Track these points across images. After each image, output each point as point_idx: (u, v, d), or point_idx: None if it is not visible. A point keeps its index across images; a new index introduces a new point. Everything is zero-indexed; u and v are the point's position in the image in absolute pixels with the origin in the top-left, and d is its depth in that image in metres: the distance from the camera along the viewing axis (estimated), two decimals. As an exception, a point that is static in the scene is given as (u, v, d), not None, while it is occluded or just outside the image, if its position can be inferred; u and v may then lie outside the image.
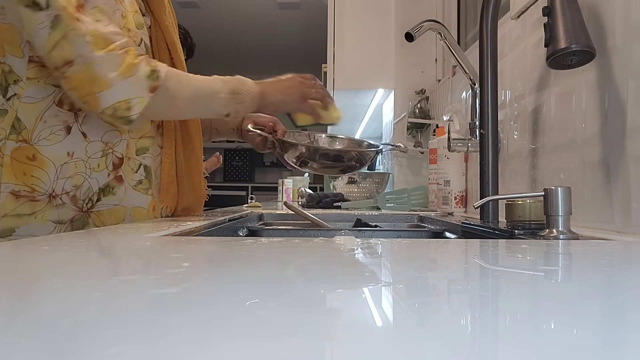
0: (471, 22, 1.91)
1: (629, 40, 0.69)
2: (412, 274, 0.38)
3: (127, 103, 0.76)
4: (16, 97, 0.79)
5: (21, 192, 0.79)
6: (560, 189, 0.61)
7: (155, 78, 0.79)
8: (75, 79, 0.74)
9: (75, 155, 0.82)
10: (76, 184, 0.82)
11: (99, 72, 0.74)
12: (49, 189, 0.80)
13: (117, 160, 0.86)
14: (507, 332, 0.22)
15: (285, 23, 4.70)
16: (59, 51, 0.74)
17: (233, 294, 0.28)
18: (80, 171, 0.82)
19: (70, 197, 0.82)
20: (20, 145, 0.79)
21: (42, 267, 0.39)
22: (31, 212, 0.79)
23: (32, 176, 0.79)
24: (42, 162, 0.79)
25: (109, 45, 0.75)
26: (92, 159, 0.83)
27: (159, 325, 0.21)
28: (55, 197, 0.81)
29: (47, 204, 0.80)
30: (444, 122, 1.55)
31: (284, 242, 0.54)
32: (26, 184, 0.79)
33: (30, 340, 0.19)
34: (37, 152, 0.79)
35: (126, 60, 0.76)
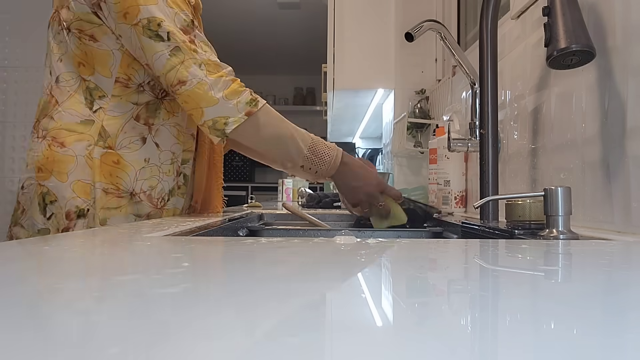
0: (471, 22, 1.91)
1: (629, 40, 0.69)
2: (412, 274, 0.38)
3: (225, 119, 0.91)
4: (101, 110, 0.95)
5: (109, 190, 0.93)
6: (560, 189, 0.61)
7: (254, 105, 0.92)
8: (186, 95, 0.90)
9: (150, 161, 0.97)
10: (152, 185, 0.98)
11: (210, 91, 0.90)
12: (129, 188, 0.95)
13: (179, 168, 1.03)
14: (507, 332, 0.22)
15: (285, 23, 4.70)
16: (174, 73, 0.90)
17: (233, 294, 0.28)
18: (155, 175, 0.98)
19: (146, 196, 0.97)
20: (107, 151, 0.93)
21: (42, 267, 0.39)
22: (117, 206, 0.94)
23: (117, 177, 0.94)
24: (124, 166, 0.95)
25: (219, 72, 0.91)
26: (164, 165, 0.99)
27: (159, 325, 0.21)
28: (135, 194, 0.96)
29: (129, 200, 0.95)
30: (444, 122, 1.55)
31: (284, 242, 0.54)
32: (112, 183, 0.93)
33: (30, 340, 0.19)
34: (121, 157, 0.95)
35: (233, 86, 0.92)
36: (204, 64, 0.91)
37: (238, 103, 0.91)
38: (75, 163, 0.92)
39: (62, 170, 0.91)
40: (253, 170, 6.48)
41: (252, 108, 0.92)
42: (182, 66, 0.90)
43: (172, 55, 0.90)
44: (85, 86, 0.95)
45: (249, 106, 0.92)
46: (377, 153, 3.16)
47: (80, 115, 0.94)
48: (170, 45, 0.90)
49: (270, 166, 1.05)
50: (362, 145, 3.87)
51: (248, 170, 6.35)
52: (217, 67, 0.92)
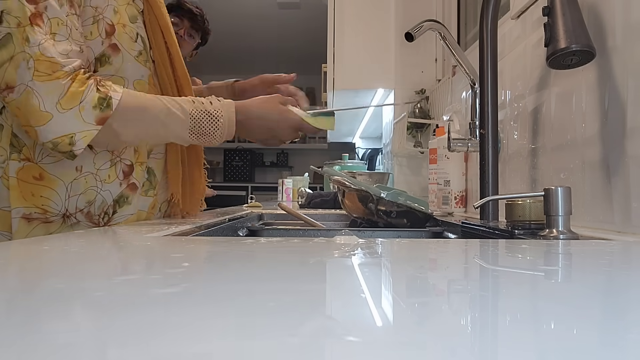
0: (471, 22, 1.91)
1: (629, 40, 0.69)
2: (412, 274, 0.38)
3: (69, 138, 0.69)
4: (7, 113, 0.75)
5: (32, 215, 0.74)
6: (560, 189, 0.61)
7: (106, 107, 0.71)
8: (14, 107, 0.70)
9: (84, 169, 0.78)
10: (89, 200, 0.79)
11: (37, 104, 0.68)
12: (61, 209, 0.76)
13: (127, 167, 0.83)
14: (507, 332, 0.22)
15: (285, 23, 4.70)
16: (3, 73, 0.68)
17: (233, 294, 0.28)
18: (92, 185, 0.79)
19: (84, 215, 0.79)
20: (24, 165, 0.74)
21: (42, 267, 0.39)
22: (46, 234, 0.76)
23: (41, 196, 0.74)
24: (50, 181, 0.75)
25: (54, 72, 0.69)
26: (102, 170, 0.80)
27: (159, 325, 0.21)
28: (69, 216, 0.77)
29: (62, 224, 0.77)
30: (444, 122, 1.55)
31: (284, 242, 0.54)
32: (36, 205, 0.74)
33: (30, 340, 0.19)
34: (44, 170, 0.75)
35: (71, 88, 0.69)
36: (34, 60, 0.67)
37: (81, 110, 0.69)
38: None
39: None
40: (253, 170, 6.49)
41: (103, 112, 0.71)
42: (10, 64, 0.68)
43: (1, 46, 0.68)
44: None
45: (99, 110, 0.71)
46: (377, 153, 3.16)
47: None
48: (1, 32, 0.68)
49: None
50: (362, 145, 3.87)
51: (248, 170, 6.36)
52: (51, 65, 0.68)
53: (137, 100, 0.76)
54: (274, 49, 5.46)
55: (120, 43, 0.82)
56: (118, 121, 0.73)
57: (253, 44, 5.22)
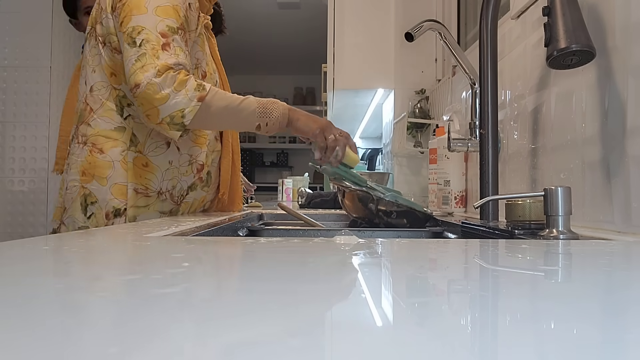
0: (471, 22, 1.91)
1: (629, 40, 0.69)
2: (412, 274, 0.38)
3: (181, 112, 0.95)
4: (130, 117, 1.05)
5: (139, 190, 1.05)
6: (560, 189, 0.61)
7: (202, 89, 0.97)
8: (141, 97, 0.94)
9: (173, 163, 1.09)
10: (173, 185, 1.10)
11: (159, 89, 0.94)
12: (157, 188, 1.07)
13: (200, 166, 1.14)
14: (507, 332, 0.22)
15: (285, 23, 4.70)
16: (133, 77, 0.95)
17: (233, 294, 0.28)
18: (175, 175, 1.10)
19: (169, 195, 1.09)
20: (137, 155, 1.05)
21: (42, 267, 0.39)
22: (145, 205, 1.06)
23: (145, 178, 1.06)
24: (152, 168, 1.06)
25: (167, 71, 0.95)
26: (182, 167, 1.11)
27: (159, 325, 0.21)
28: (161, 193, 1.08)
29: (156, 199, 1.07)
30: (444, 122, 1.55)
31: (284, 242, 0.54)
32: (142, 183, 1.05)
33: (31, 340, 0.19)
34: (149, 160, 1.06)
35: (179, 77, 0.95)
36: (158, 66, 0.95)
37: (187, 92, 0.95)
38: (113, 168, 1.03)
39: (102, 175, 1.03)
40: (253, 170, 6.48)
41: (201, 93, 0.97)
42: (140, 70, 0.95)
43: (137, 60, 0.96)
44: (115, 94, 1.05)
45: (198, 92, 0.96)
46: (377, 153, 3.15)
47: (113, 122, 1.05)
48: (139, 51, 0.96)
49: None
50: (362, 145, 3.87)
51: (248, 170, 6.35)
52: (167, 67, 0.95)
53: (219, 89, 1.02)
54: (274, 49, 5.46)
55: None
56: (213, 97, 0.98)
57: (253, 44, 5.22)
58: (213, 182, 1.20)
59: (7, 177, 2.67)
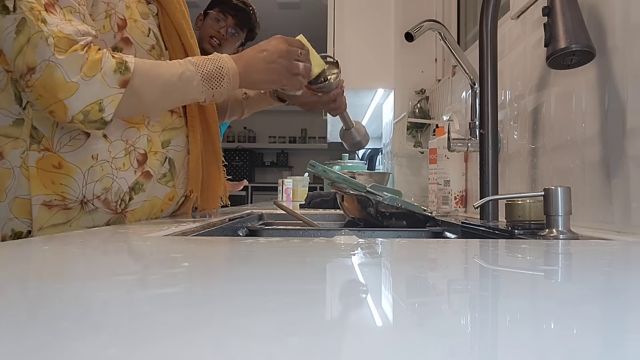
0: (471, 22, 1.91)
1: (629, 40, 0.69)
2: (412, 274, 0.38)
3: (98, 104, 0.72)
4: (29, 105, 0.77)
5: (53, 202, 0.77)
6: (560, 189, 0.61)
7: (124, 70, 0.74)
8: (39, 87, 0.70)
9: (99, 157, 0.80)
10: (105, 187, 0.81)
11: (62, 76, 0.70)
12: (79, 195, 0.79)
13: (140, 156, 0.85)
14: (507, 332, 0.22)
15: (285, 23, 4.70)
16: (22, 57, 0.70)
17: (233, 294, 0.28)
18: (107, 173, 0.81)
19: (102, 201, 0.81)
20: (44, 155, 0.77)
21: (42, 267, 0.39)
22: (66, 221, 0.78)
23: (60, 184, 0.77)
24: (68, 169, 0.78)
25: (72, 46, 0.71)
26: (117, 159, 0.82)
27: (159, 325, 0.21)
28: (86, 202, 0.80)
29: (80, 211, 0.79)
30: (444, 122, 1.55)
31: (284, 242, 0.54)
32: (56, 192, 0.77)
33: (30, 340, 0.19)
34: (62, 159, 0.77)
35: (89, 57, 0.71)
36: (52, 37, 0.70)
37: (104, 76, 0.72)
38: (13, 177, 0.76)
39: (1, 188, 0.77)
40: (253, 170, 6.49)
41: (124, 75, 0.74)
42: (28, 46, 0.69)
43: (18, 32, 0.70)
44: (9, 78, 0.78)
45: (119, 74, 0.74)
46: (377, 153, 3.16)
47: (11, 114, 0.77)
48: (16, 19, 0.70)
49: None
50: (362, 145, 3.86)
51: (248, 170, 6.36)
52: (68, 41, 0.71)
53: (149, 62, 0.80)
54: (274, 49, 5.45)
55: (132, 36, 0.85)
56: (138, 82, 0.76)
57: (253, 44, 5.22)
58: (179, 172, 0.91)
59: None
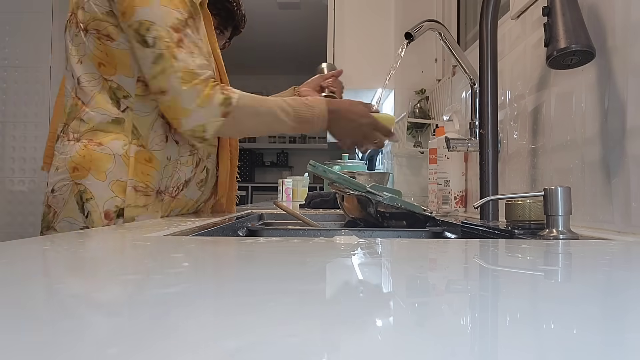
0: (471, 22, 1.91)
1: (629, 40, 0.69)
2: (412, 274, 0.38)
3: (202, 127, 0.93)
4: (129, 109, 0.97)
5: (138, 188, 0.95)
6: (560, 189, 0.61)
7: (228, 104, 0.93)
8: (166, 106, 0.93)
9: (172, 158, 1.01)
10: (171, 178, 1.01)
11: (183, 103, 0.91)
12: (157, 186, 0.98)
13: (198, 159, 1.06)
14: (507, 332, 0.22)
15: (285, 23, 4.70)
16: (157, 82, 0.91)
17: (233, 294, 0.28)
18: (175, 169, 1.02)
19: (168, 193, 1.01)
20: (140, 149, 0.96)
21: (42, 268, 0.39)
22: (144, 205, 0.96)
23: (147, 175, 0.96)
24: (155, 164, 0.98)
25: (193, 80, 0.91)
26: (182, 157, 1.02)
27: (159, 325, 0.21)
28: (160, 192, 0.99)
29: (155, 199, 0.98)
30: (444, 122, 1.55)
31: (284, 241, 0.54)
32: (143, 181, 0.96)
33: (30, 340, 0.19)
34: (153, 155, 0.97)
35: (205, 92, 0.92)
36: (180, 72, 0.91)
37: (211, 108, 0.92)
38: (114, 162, 0.94)
39: (100, 169, 0.93)
40: (253, 170, 6.49)
41: (226, 109, 0.93)
42: (162, 75, 0.91)
43: (154, 63, 0.91)
44: (108, 86, 0.96)
45: (223, 107, 0.93)
46: (377, 153, 3.15)
47: (110, 114, 0.96)
48: (154, 52, 0.91)
49: None
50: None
51: (248, 170, 6.36)
52: (192, 75, 0.91)
53: (253, 99, 0.98)
54: (274, 49, 5.46)
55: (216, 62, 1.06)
56: (240, 110, 0.95)
57: (253, 44, 5.22)
58: (210, 180, 1.12)
59: (7, 177, 2.67)
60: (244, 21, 1.62)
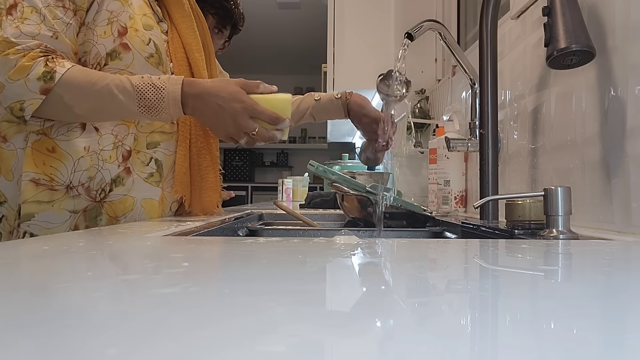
0: (471, 22, 1.91)
1: (629, 40, 0.69)
2: (412, 274, 0.38)
3: (20, 104, 0.80)
4: None
5: (41, 181, 0.84)
6: (560, 189, 0.61)
7: (48, 79, 0.79)
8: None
9: (90, 149, 0.87)
10: (90, 176, 0.87)
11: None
12: (66, 180, 0.85)
13: (126, 152, 0.90)
14: (507, 332, 0.22)
15: (285, 23, 4.71)
16: None
17: (233, 294, 0.28)
18: (94, 164, 0.87)
19: (85, 189, 0.87)
20: (41, 138, 0.85)
21: (42, 267, 0.39)
22: (49, 200, 0.84)
23: (51, 166, 0.85)
24: (61, 155, 0.85)
25: (6, 50, 0.78)
26: (104, 151, 0.88)
27: (159, 326, 0.21)
28: (72, 188, 0.86)
29: (65, 194, 0.86)
30: (444, 122, 1.55)
31: (284, 242, 0.54)
32: (45, 173, 0.84)
33: (31, 340, 0.19)
34: (57, 145, 0.85)
35: (21, 63, 0.78)
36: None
37: (27, 82, 0.78)
38: (16, 158, 0.84)
39: (8, 167, 0.85)
40: (253, 170, 6.49)
41: (46, 84, 0.79)
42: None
43: None
44: None
45: (42, 82, 0.79)
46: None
47: None
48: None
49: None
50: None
51: (248, 170, 6.36)
52: (6, 44, 0.78)
53: (86, 75, 0.82)
54: (274, 49, 5.46)
55: (131, 43, 0.90)
56: (67, 94, 0.80)
57: (253, 44, 5.23)
58: (166, 175, 0.96)
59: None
60: (243, 19, 1.62)
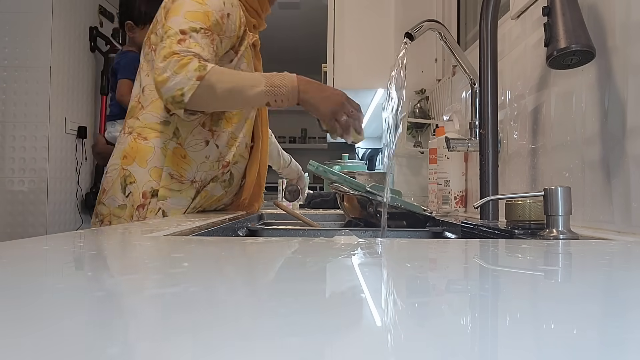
0: (471, 22, 1.91)
1: (629, 40, 0.69)
2: (412, 274, 0.38)
3: (180, 90, 1.00)
4: (175, 115, 1.12)
5: (174, 175, 1.14)
6: (560, 188, 0.61)
7: (202, 69, 1.01)
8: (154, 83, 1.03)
9: (210, 157, 1.18)
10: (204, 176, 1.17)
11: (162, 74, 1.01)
12: (191, 177, 1.16)
13: (226, 163, 1.21)
14: (507, 332, 0.22)
15: (285, 23, 4.70)
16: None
17: (233, 294, 0.28)
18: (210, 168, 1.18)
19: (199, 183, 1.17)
20: (177, 147, 1.14)
21: (42, 267, 0.39)
22: (179, 189, 1.15)
23: (181, 167, 1.15)
24: (189, 160, 1.16)
25: (172, 57, 1.01)
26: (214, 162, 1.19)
27: (159, 325, 0.21)
28: (194, 182, 1.16)
29: (189, 186, 1.16)
30: (444, 122, 1.55)
31: (284, 242, 0.54)
32: (178, 171, 1.14)
33: (31, 340, 0.19)
34: (187, 153, 1.15)
35: (181, 62, 1.01)
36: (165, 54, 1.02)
37: (187, 72, 1.00)
38: (154, 153, 1.13)
39: (143, 158, 1.13)
40: (253, 170, 6.48)
41: (201, 72, 1.00)
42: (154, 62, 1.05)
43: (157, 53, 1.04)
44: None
45: (198, 72, 1.00)
46: (377, 153, 3.16)
47: (160, 116, 1.15)
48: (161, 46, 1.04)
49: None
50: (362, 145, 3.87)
51: (248, 170, 6.35)
52: (172, 54, 1.01)
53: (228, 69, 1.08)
54: (274, 49, 5.45)
55: None
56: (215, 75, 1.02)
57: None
58: (234, 184, 1.25)
59: (7, 177, 2.66)
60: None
